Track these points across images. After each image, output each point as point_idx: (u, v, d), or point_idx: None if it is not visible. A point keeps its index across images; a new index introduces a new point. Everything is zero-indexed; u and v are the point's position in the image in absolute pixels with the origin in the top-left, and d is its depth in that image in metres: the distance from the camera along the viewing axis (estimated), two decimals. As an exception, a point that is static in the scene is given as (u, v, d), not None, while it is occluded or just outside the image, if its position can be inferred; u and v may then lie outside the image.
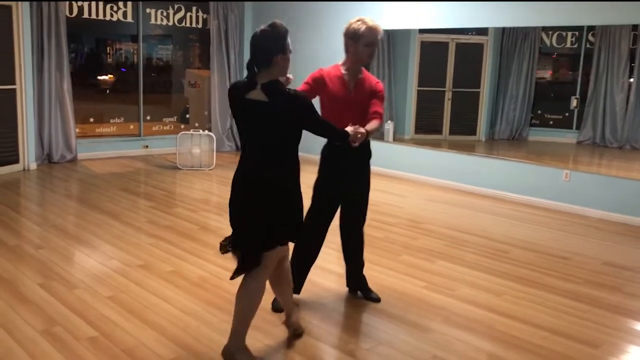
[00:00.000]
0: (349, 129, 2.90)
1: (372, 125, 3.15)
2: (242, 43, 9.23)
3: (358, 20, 3.24)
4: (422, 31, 7.78)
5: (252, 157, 2.64)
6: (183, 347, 2.91)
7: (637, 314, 3.60)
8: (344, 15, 7.87)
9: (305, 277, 3.48)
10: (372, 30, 3.21)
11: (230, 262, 2.95)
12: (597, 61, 7.51)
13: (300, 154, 2.70)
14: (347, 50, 3.31)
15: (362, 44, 3.21)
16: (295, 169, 2.70)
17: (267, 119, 2.57)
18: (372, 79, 3.37)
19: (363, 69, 3.37)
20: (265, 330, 3.11)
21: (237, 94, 2.64)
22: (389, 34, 8.09)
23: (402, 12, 7.38)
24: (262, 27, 2.58)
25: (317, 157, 3.36)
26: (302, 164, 2.74)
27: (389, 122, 7.93)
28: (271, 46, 2.55)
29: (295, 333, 3.04)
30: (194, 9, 8.95)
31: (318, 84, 3.29)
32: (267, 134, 2.59)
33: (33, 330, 3.02)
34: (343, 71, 3.32)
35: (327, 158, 3.37)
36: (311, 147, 3.94)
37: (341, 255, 3.62)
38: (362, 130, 2.94)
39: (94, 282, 3.71)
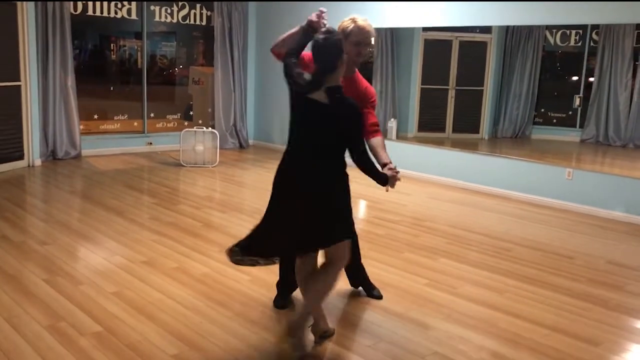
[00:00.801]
0: (387, 171, 2.99)
1: (383, 148, 3.20)
2: (246, 40, 9.25)
3: (350, 19, 3.17)
4: (425, 29, 7.78)
5: (305, 155, 2.78)
6: (186, 342, 2.94)
7: (639, 312, 3.61)
8: (347, 15, 7.86)
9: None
10: (361, 30, 3.11)
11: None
12: (600, 59, 7.50)
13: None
14: None
15: (349, 42, 3.08)
16: (344, 169, 2.82)
17: (325, 120, 2.71)
18: (362, 83, 3.24)
19: (357, 71, 3.24)
20: (264, 325, 3.13)
21: (299, 92, 2.77)
22: (393, 31, 8.10)
23: (405, 10, 7.38)
24: (321, 35, 2.74)
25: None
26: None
27: (392, 119, 7.94)
28: (336, 51, 2.71)
29: (323, 336, 2.99)
30: (198, 6, 8.96)
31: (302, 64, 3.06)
32: (322, 134, 2.74)
33: (38, 325, 3.05)
34: None
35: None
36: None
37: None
38: (399, 176, 3.05)
39: (98, 278, 3.73)
